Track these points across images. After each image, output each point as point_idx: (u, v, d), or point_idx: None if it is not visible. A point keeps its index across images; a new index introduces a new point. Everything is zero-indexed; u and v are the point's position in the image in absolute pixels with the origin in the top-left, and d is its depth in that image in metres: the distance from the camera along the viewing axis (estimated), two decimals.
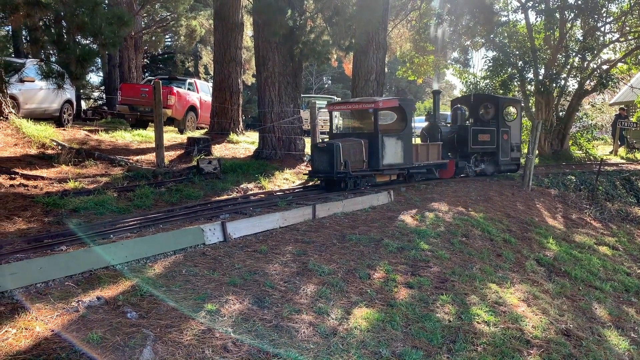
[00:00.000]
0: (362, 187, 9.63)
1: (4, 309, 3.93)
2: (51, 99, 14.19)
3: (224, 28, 15.71)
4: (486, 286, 6.22)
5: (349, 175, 9.19)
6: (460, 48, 20.91)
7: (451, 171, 12.05)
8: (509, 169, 13.62)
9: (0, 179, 8.24)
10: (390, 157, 9.96)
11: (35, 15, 8.25)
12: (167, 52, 36.81)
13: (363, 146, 9.65)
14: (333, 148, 9.14)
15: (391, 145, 9.97)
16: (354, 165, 9.39)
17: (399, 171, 10.48)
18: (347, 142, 9.48)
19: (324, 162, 9.29)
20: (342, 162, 9.15)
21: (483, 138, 12.58)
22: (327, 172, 9.29)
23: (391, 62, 33.31)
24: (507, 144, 13.16)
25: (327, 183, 9.65)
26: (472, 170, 12.67)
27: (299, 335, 4.26)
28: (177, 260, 5.33)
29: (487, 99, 13.94)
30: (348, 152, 9.32)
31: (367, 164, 9.74)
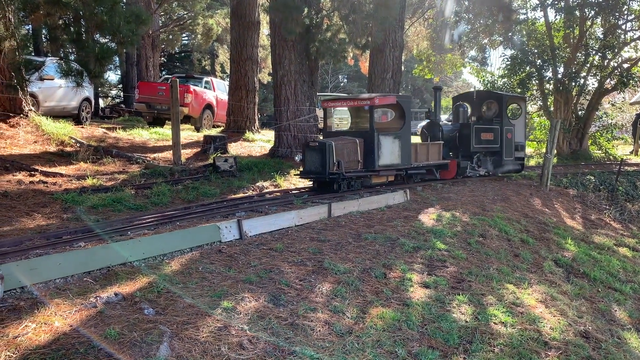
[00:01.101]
0: (356, 188, 9.21)
1: (24, 304, 3.98)
2: (70, 96, 14.38)
3: (240, 27, 15.77)
4: (503, 287, 6.16)
5: (342, 176, 8.73)
6: (478, 46, 20.72)
7: (453, 172, 11.58)
8: (513, 169, 13.18)
9: (20, 176, 8.36)
10: (386, 157, 9.49)
11: (56, 14, 8.35)
12: (184, 50, 37.09)
13: (358, 145, 9.19)
14: (325, 147, 8.66)
15: (388, 145, 9.50)
16: (348, 166, 8.97)
17: (396, 172, 9.98)
18: (341, 141, 9.02)
19: (315, 162, 8.82)
20: (334, 162, 8.69)
21: (486, 137, 12.12)
22: (318, 173, 8.82)
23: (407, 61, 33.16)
24: (511, 143, 12.74)
25: (320, 184, 9.21)
26: (474, 170, 12.17)
27: (315, 333, 4.25)
28: (193, 258, 5.36)
29: (491, 95, 13.47)
30: (341, 151, 8.86)
31: (363, 164, 9.28)
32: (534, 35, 19.38)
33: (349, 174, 8.90)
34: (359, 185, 9.31)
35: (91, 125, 14.80)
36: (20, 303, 3.99)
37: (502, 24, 17.25)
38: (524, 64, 18.80)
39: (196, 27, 25.01)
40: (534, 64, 18.74)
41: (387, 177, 9.93)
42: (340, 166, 8.67)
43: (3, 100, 11.22)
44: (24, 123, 11.37)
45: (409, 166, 10.05)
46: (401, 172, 10.08)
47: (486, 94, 13.61)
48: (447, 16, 20.12)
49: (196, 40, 27.13)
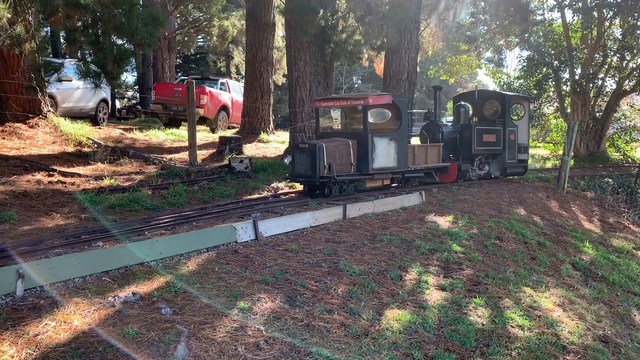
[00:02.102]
0: (349, 193, 8.73)
1: (44, 303, 4.04)
2: (87, 98, 14.55)
3: (255, 28, 15.84)
4: (520, 290, 6.10)
5: (332, 180, 8.29)
6: (494, 47, 20.59)
7: (453, 175, 11.04)
8: (516, 172, 12.73)
9: (39, 176, 8.48)
10: (381, 160, 9.02)
11: (74, 16, 8.45)
12: (199, 52, 37.31)
13: (351, 147, 8.73)
14: (315, 149, 8.19)
15: (383, 147, 9.02)
16: (340, 169, 8.53)
17: (392, 175, 9.48)
18: (333, 143, 8.56)
19: (305, 164, 8.37)
20: (325, 165, 8.23)
21: (488, 138, 11.62)
22: (308, 177, 8.36)
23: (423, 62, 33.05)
24: (514, 145, 12.23)
25: (310, 188, 8.75)
26: (476, 173, 11.67)
27: (331, 335, 4.25)
28: (210, 258, 5.39)
29: (493, 95, 12.95)
30: (333, 153, 8.43)
31: (356, 167, 8.83)
32: (551, 36, 19.20)
33: (341, 178, 8.47)
34: (352, 189, 8.82)
35: (108, 126, 14.96)
36: (40, 302, 4.05)
37: (518, 25, 17.12)
38: (541, 65, 18.64)
39: (212, 28, 25.12)
40: (550, 65, 18.56)
41: (383, 181, 9.48)
42: (331, 169, 8.26)
43: (23, 102, 11.38)
44: (42, 124, 11.52)
45: (405, 169, 9.57)
46: (397, 175, 9.60)
47: (488, 94, 13.10)
48: (463, 17, 20.03)
49: (212, 42, 27.25)
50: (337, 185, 8.49)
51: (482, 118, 12.32)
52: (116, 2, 8.13)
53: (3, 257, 4.85)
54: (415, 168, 9.94)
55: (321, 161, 8.19)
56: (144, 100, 25.13)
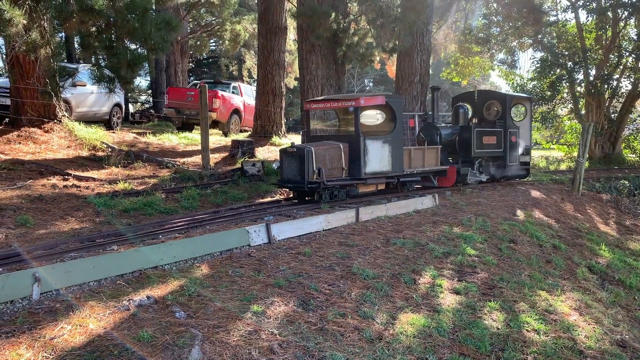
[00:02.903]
0: (340, 199, 8.44)
1: (60, 306, 4.07)
2: (101, 102, 14.70)
3: (267, 32, 15.89)
4: (535, 293, 6.04)
5: (322, 186, 7.98)
6: (507, 49, 20.46)
7: (452, 179, 10.68)
8: (518, 175, 12.32)
9: (54, 180, 8.56)
10: (374, 164, 8.64)
11: (89, 21, 8.53)
12: (211, 56, 37.54)
13: (342, 151, 8.39)
14: (304, 153, 7.89)
15: (376, 150, 8.66)
16: (331, 174, 8.23)
17: (386, 180, 9.09)
18: (323, 147, 8.25)
19: (293, 169, 8.08)
20: (314, 169, 7.91)
21: (488, 140, 11.22)
22: (297, 182, 8.07)
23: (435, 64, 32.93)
24: (516, 147, 11.84)
25: (299, 194, 8.49)
26: (476, 177, 11.26)
27: (345, 339, 4.23)
28: (223, 261, 5.40)
29: (493, 95, 12.52)
30: (323, 158, 8.12)
31: (348, 171, 8.48)
32: (564, 37, 19.05)
33: (332, 183, 8.15)
34: (344, 195, 8.53)
35: (122, 130, 15.09)
36: (56, 305, 4.08)
37: (532, 26, 17.01)
38: (555, 67, 18.49)
39: (224, 33, 25.28)
40: (564, 67, 18.41)
41: (377, 186, 9.13)
42: (321, 174, 7.93)
43: (38, 106, 11.51)
44: (57, 128, 11.64)
45: (401, 173, 9.19)
46: (392, 179, 9.21)
47: (488, 94, 12.63)
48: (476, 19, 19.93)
49: (224, 46, 27.41)
50: (328, 190, 8.20)
51: (482, 119, 11.95)
52: (130, 7, 8.20)
53: (20, 260, 4.90)
54: (412, 172, 9.57)
55: (310, 166, 7.90)
56: (157, 104, 25.33)
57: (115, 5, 8.22)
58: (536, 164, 17.06)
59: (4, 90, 12.78)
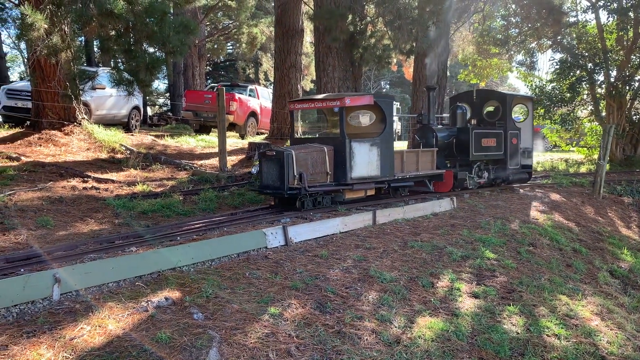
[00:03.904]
0: (325, 205, 7.89)
1: (79, 307, 4.10)
2: (120, 105, 14.86)
3: (284, 35, 15.93)
4: (556, 298, 5.95)
5: (303, 192, 7.41)
6: (525, 50, 20.25)
7: (449, 183, 9.95)
8: (520, 179, 11.66)
9: (74, 182, 8.66)
10: (362, 168, 8.08)
11: (108, 25, 8.63)
12: (228, 59, 37.79)
13: (326, 155, 7.84)
14: (283, 157, 7.37)
15: (363, 153, 8.10)
16: (314, 179, 7.70)
17: (375, 185, 8.46)
18: (304, 150, 7.71)
19: (272, 174, 7.55)
20: (295, 174, 7.39)
21: (488, 142, 10.54)
22: (276, 188, 7.53)
23: (452, 65, 32.75)
24: (517, 149, 11.17)
25: (280, 201, 7.90)
26: (474, 181, 10.57)
27: (362, 342, 4.21)
28: (240, 263, 5.41)
29: (493, 95, 11.82)
30: (305, 162, 7.58)
31: (332, 176, 7.94)
32: (584, 38, 18.77)
33: (315, 189, 7.61)
34: (329, 201, 7.99)
35: (140, 133, 15.23)
36: (76, 306, 4.12)
37: (551, 27, 16.80)
38: (574, 68, 18.22)
39: (241, 36, 25.43)
40: (584, 68, 18.13)
41: (365, 191, 8.51)
42: (302, 179, 7.39)
43: (58, 109, 11.68)
44: (77, 131, 11.80)
45: (391, 178, 8.61)
46: (382, 184, 8.60)
47: (488, 94, 11.93)
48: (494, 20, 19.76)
49: (241, 49, 27.58)
50: (311, 197, 7.68)
51: (481, 120, 11.34)
52: (148, 11, 8.28)
53: (40, 261, 4.96)
54: (404, 176, 8.97)
55: (290, 170, 7.37)
56: (174, 107, 25.55)
57: (134, 9, 8.30)
58: (555, 166, 16.84)
59: (25, 93, 12.99)
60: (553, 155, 20.61)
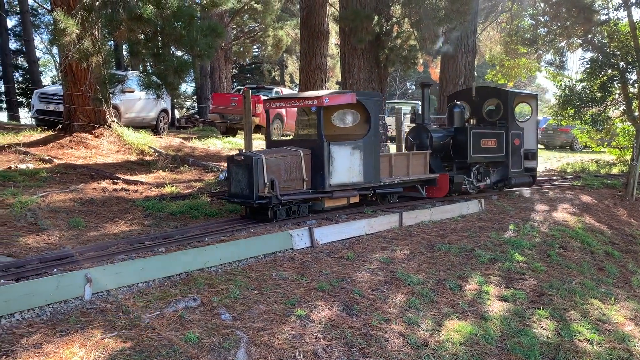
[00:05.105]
0: (301, 214, 7.22)
1: (110, 307, 4.18)
2: (149, 108, 15.11)
3: (310, 37, 15.96)
4: (587, 302, 5.83)
5: (274, 201, 6.74)
6: (555, 49, 19.89)
7: (444, 188, 9.21)
8: (522, 183, 10.83)
9: (104, 184, 8.83)
10: (342, 174, 7.37)
11: (137, 29, 8.77)
12: (254, 61, 38.05)
13: (302, 159, 7.14)
14: (252, 162, 6.65)
15: (344, 157, 7.38)
16: (288, 186, 7.02)
17: (358, 192, 7.73)
18: (277, 154, 7.01)
19: (241, 181, 6.85)
20: (266, 182, 6.70)
21: (487, 144, 9.84)
22: (245, 197, 6.82)
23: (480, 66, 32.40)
24: (520, 151, 10.48)
25: (252, 211, 7.15)
26: (472, 186, 9.81)
27: (389, 344, 4.19)
28: (267, 264, 5.44)
29: (493, 93, 11.05)
30: (277, 167, 6.89)
31: (310, 183, 7.26)
32: (616, 36, 18.33)
33: (288, 197, 6.93)
34: (305, 210, 7.31)
35: (168, 135, 15.45)
36: (107, 305, 4.20)
37: (581, 26, 16.47)
38: (606, 67, 17.80)
39: (267, 38, 25.57)
40: (616, 67, 17.71)
41: (348, 199, 7.80)
42: (274, 187, 6.75)
43: (89, 113, 11.92)
44: (107, 133, 12.02)
45: (377, 184, 7.90)
46: (367, 191, 7.90)
47: (488, 91, 11.18)
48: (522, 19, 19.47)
49: (266, 52, 27.76)
50: (284, 206, 7.01)
51: (481, 120, 10.62)
52: (176, 15, 8.38)
53: (72, 261, 5.07)
54: (391, 182, 8.24)
55: (260, 177, 6.68)
56: (201, 109, 25.85)
57: (162, 13, 8.41)
58: (586, 167, 16.50)
59: (57, 97, 13.30)
60: (583, 156, 20.20)
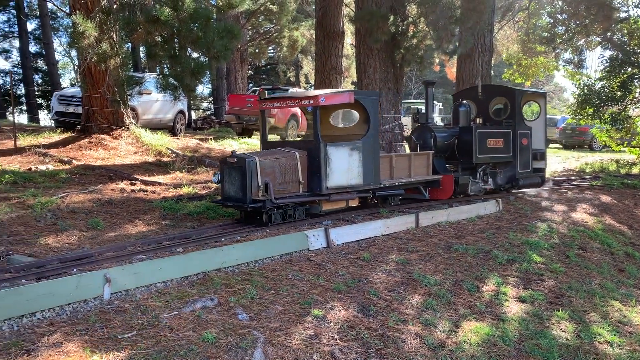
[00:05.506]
0: (298, 218, 7.02)
1: (129, 306, 4.22)
2: (166, 109, 15.24)
3: (325, 37, 15.97)
4: (608, 303, 5.75)
5: (269, 204, 6.53)
6: (573, 48, 19.66)
7: (448, 190, 8.89)
8: (531, 183, 10.50)
9: (122, 185, 8.93)
10: (340, 176, 7.13)
11: (154, 32, 8.86)
12: (270, 62, 38.17)
13: (298, 161, 6.94)
14: (245, 164, 6.47)
15: (342, 158, 7.14)
16: (284, 189, 6.83)
17: (357, 195, 7.51)
18: (272, 156, 6.82)
19: (234, 184, 6.69)
20: (259, 184, 6.51)
21: (494, 143, 9.51)
22: (238, 200, 6.65)
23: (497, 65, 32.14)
24: (528, 151, 10.12)
25: (246, 214, 6.96)
26: (478, 187, 9.48)
27: (406, 345, 4.17)
28: (283, 264, 5.45)
29: (500, 91, 10.71)
30: (272, 169, 6.68)
31: (306, 185, 7.05)
32: (636, 34, 18.07)
33: (284, 201, 6.73)
34: (302, 214, 7.09)
35: (185, 137, 15.57)
36: (126, 305, 4.24)
37: (600, 24, 16.25)
38: (626, 65, 17.57)
39: (282, 39, 25.66)
40: (636, 65, 17.46)
41: (347, 202, 7.55)
42: (268, 190, 6.52)
43: (107, 114, 12.06)
44: (125, 135, 12.15)
45: (376, 186, 7.67)
46: (367, 193, 7.68)
47: (494, 90, 10.82)
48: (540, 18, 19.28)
49: (282, 53, 27.85)
50: (279, 210, 6.81)
51: (488, 119, 10.30)
52: (193, 17, 8.45)
53: (91, 261, 5.14)
54: (392, 184, 8.01)
55: (253, 180, 6.50)
56: (217, 111, 26.01)
57: (179, 16, 8.49)
58: (605, 167, 16.26)
59: (76, 99, 13.48)
60: (603, 156, 19.91)
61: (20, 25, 26.73)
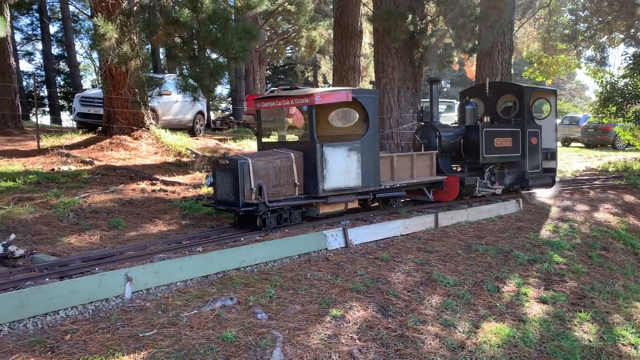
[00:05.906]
0: (294, 222, 6.79)
1: (149, 305, 4.27)
2: (185, 110, 15.37)
3: (343, 37, 15.96)
4: (631, 305, 5.65)
5: (262, 207, 6.29)
6: (595, 45, 19.35)
7: (453, 191, 8.56)
8: (541, 184, 10.08)
9: (143, 185, 9.03)
10: (337, 178, 6.89)
11: (174, 33, 8.94)
12: (287, 62, 38.24)
13: (294, 162, 6.72)
14: (237, 167, 6.26)
15: (339, 159, 6.90)
16: (279, 192, 6.60)
17: (357, 197, 7.26)
18: (266, 157, 6.59)
19: (227, 187, 6.47)
20: (253, 187, 6.29)
21: (502, 143, 9.20)
22: (230, 204, 6.43)
23: (517, 63, 31.77)
24: (537, 151, 9.76)
25: (241, 218, 6.74)
26: (485, 188, 9.12)
27: (425, 346, 4.15)
28: (302, 264, 5.47)
29: (508, 88, 10.33)
30: (266, 171, 6.47)
31: (302, 188, 6.83)
32: None
33: (279, 203, 6.50)
34: (298, 217, 6.86)
35: (204, 137, 15.69)
36: (146, 304, 4.29)
37: (623, 20, 15.98)
38: None
39: (300, 39, 25.70)
40: None
41: (346, 204, 7.27)
42: (262, 193, 6.29)
43: (128, 115, 12.20)
44: (145, 135, 12.29)
45: (376, 188, 7.41)
46: (367, 195, 7.42)
47: (502, 87, 10.47)
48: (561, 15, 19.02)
49: (300, 53, 27.88)
50: (274, 213, 6.57)
51: (496, 117, 9.96)
52: (212, 18, 8.50)
53: (113, 261, 5.21)
54: (393, 185, 7.75)
55: (246, 182, 6.28)
56: (236, 111, 26.15)
57: (198, 17, 8.55)
58: (629, 166, 15.97)
59: (98, 100, 13.67)
60: (626, 155, 19.56)
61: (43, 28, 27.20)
